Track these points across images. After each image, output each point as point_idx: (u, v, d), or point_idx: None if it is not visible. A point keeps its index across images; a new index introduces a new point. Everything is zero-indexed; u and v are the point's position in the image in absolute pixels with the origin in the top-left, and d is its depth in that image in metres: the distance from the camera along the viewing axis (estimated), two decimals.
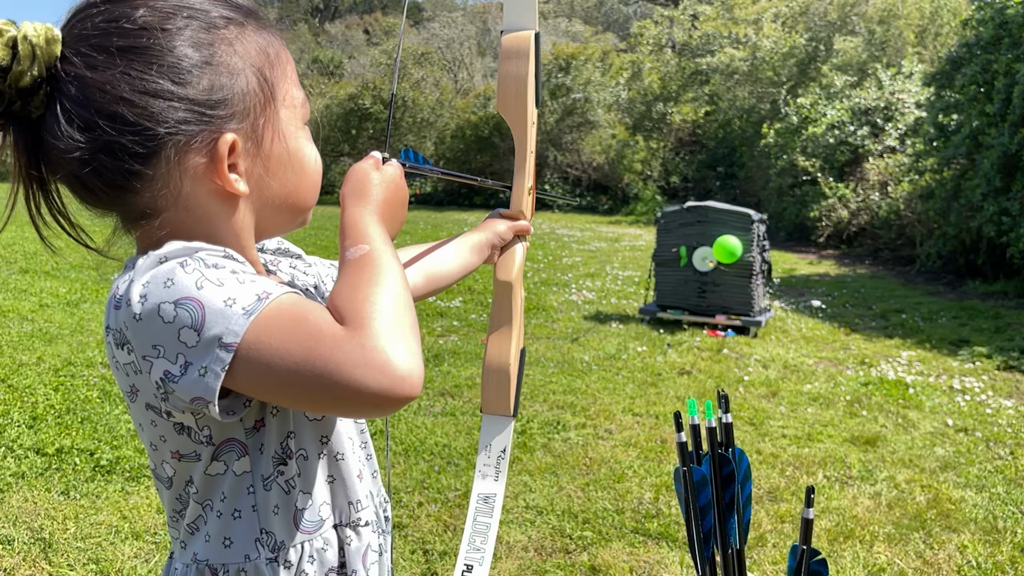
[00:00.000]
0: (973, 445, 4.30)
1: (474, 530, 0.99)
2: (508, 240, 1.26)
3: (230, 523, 0.88)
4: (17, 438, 3.77)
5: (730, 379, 5.43)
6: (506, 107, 1.07)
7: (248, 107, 0.85)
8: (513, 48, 1.04)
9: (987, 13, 10.05)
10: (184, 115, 0.81)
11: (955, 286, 10.00)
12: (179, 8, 0.83)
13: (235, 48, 0.85)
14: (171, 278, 0.76)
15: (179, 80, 0.81)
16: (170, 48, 0.81)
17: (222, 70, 0.84)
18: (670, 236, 7.07)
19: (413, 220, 17.55)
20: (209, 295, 0.74)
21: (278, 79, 0.89)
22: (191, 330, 0.74)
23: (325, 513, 0.92)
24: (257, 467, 0.87)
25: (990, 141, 9.54)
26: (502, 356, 1.06)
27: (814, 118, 15.74)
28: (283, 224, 0.95)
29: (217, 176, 0.84)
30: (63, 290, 7.22)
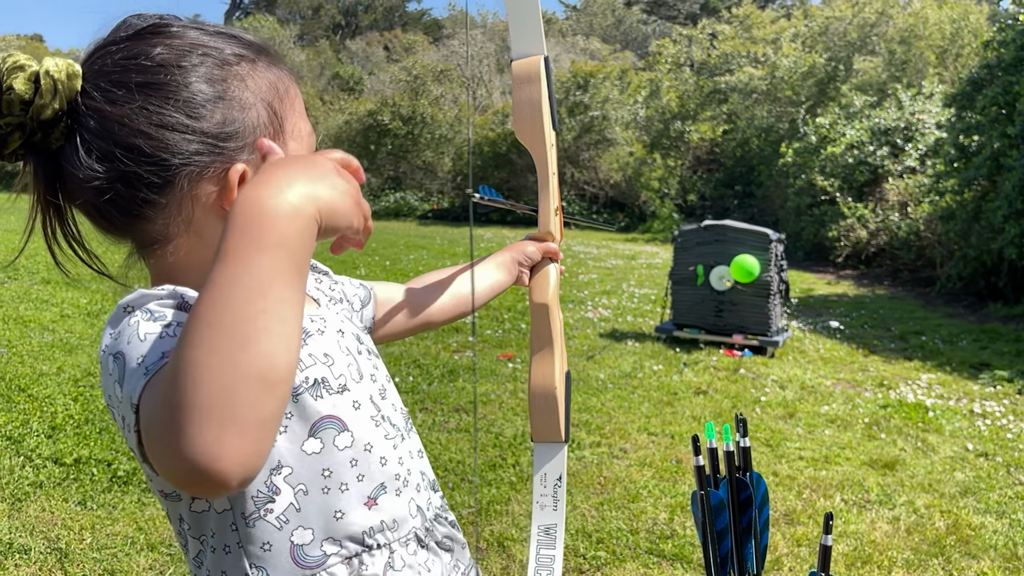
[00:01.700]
0: (993, 470, 4.24)
1: (539, 563, 0.98)
2: (536, 260, 1.25)
3: (222, 557, 0.88)
4: (36, 447, 3.81)
5: (747, 399, 5.39)
6: (523, 132, 1.08)
7: (258, 139, 0.87)
8: (524, 74, 1.05)
9: (1009, 35, 10.01)
10: (198, 147, 0.85)
11: (976, 308, 9.89)
12: (194, 46, 0.87)
13: (247, 83, 0.88)
14: (120, 329, 0.79)
15: (193, 114, 0.85)
16: (185, 84, 0.85)
17: (234, 104, 0.87)
18: (687, 255, 7.06)
19: (430, 236, 17.60)
20: (132, 350, 0.76)
21: (287, 112, 0.91)
22: (118, 384, 0.76)
23: (330, 549, 0.89)
24: (236, 506, 0.87)
25: (1011, 163, 9.46)
26: (547, 381, 1.05)
27: (833, 138, 15.69)
28: None
29: (227, 204, 0.87)
30: (84, 301, 7.30)
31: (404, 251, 13.74)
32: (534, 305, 1.16)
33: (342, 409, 0.90)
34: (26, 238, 0.95)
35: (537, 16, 1.01)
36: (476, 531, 3.24)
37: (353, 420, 0.91)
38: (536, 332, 1.11)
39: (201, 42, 0.88)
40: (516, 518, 3.39)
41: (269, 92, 0.90)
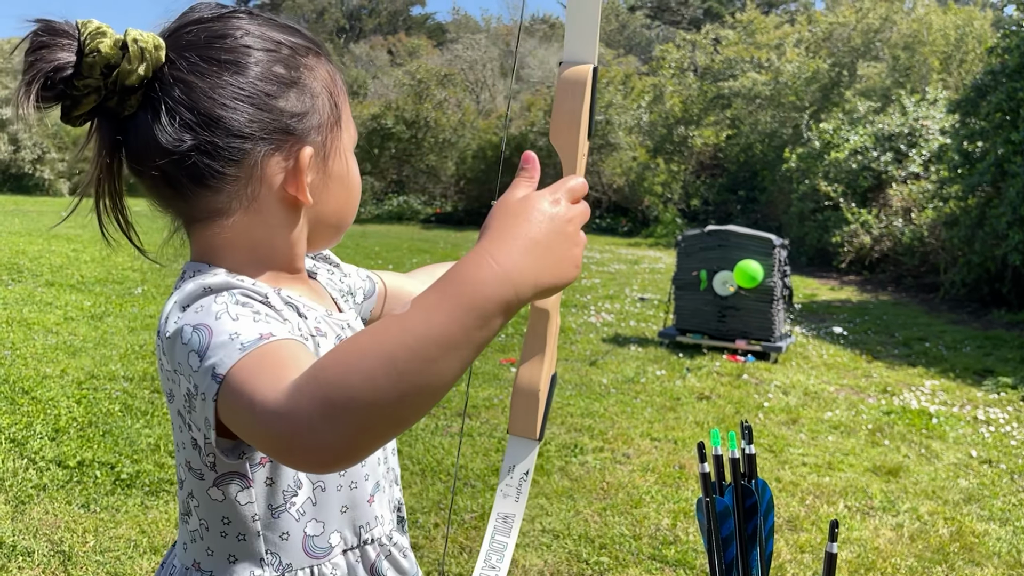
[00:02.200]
0: (997, 477, 4.23)
1: (491, 547, 1.00)
2: None
3: (234, 543, 0.91)
4: (39, 450, 3.81)
5: (750, 405, 5.39)
6: (558, 138, 1.07)
7: (323, 125, 0.94)
8: (571, 81, 1.04)
9: (1013, 41, 10.00)
10: (277, 125, 0.90)
11: (980, 315, 9.87)
12: (270, 37, 0.93)
13: (314, 73, 0.94)
14: (202, 305, 0.82)
15: (274, 93, 0.90)
16: (267, 66, 0.90)
17: (306, 90, 0.93)
18: (690, 260, 7.05)
19: (433, 240, 17.61)
20: (221, 326, 0.78)
21: (342, 105, 0.98)
22: (196, 355, 0.78)
23: (335, 540, 0.95)
24: (263, 498, 0.90)
25: (1016, 169, 9.45)
26: (533, 379, 1.07)
27: (837, 143, 15.68)
28: (326, 239, 1.02)
29: (292, 185, 0.91)
30: (88, 303, 7.31)
31: (407, 255, 13.75)
32: (535, 308, 1.15)
33: None
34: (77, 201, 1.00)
35: (595, 23, 1.01)
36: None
37: None
38: (532, 334, 1.12)
39: (274, 35, 0.93)
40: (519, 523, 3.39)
41: (330, 83, 0.96)
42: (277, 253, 0.96)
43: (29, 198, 24.09)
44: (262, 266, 0.95)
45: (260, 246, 0.94)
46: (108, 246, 0.99)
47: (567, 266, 0.72)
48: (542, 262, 0.70)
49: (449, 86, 26.59)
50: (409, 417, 0.66)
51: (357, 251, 13.73)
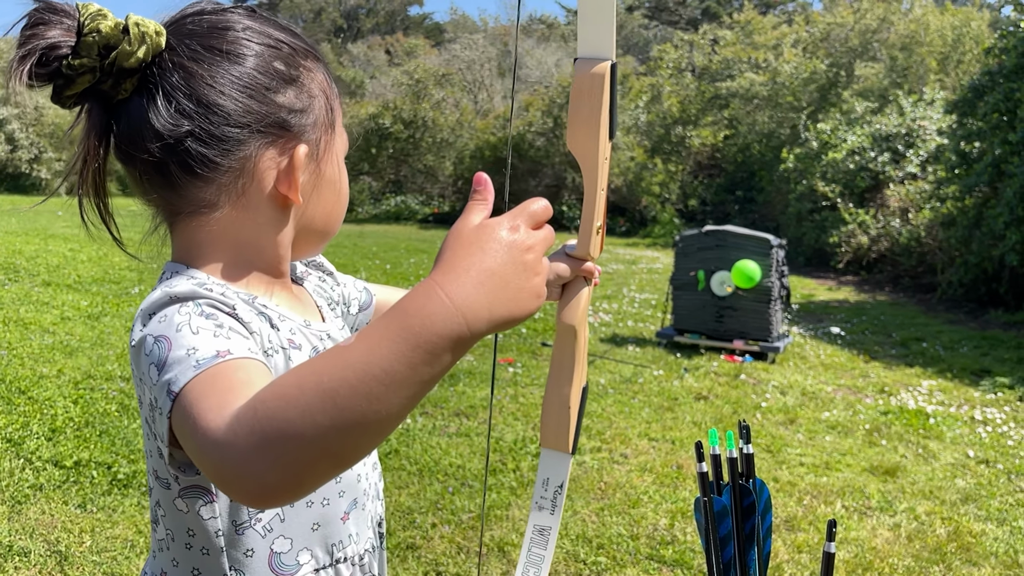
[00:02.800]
0: (994, 477, 4.24)
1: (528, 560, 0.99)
2: (566, 277, 1.17)
3: (198, 557, 0.90)
4: (36, 450, 3.80)
5: (747, 405, 5.39)
6: (576, 142, 1.00)
7: (318, 126, 0.93)
8: (587, 77, 0.98)
9: (1010, 41, 10.02)
10: (274, 119, 0.89)
11: (977, 315, 9.89)
12: (271, 34, 0.92)
13: (312, 75, 0.94)
14: (166, 314, 0.80)
15: (273, 87, 0.89)
16: (268, 60, 0.90)
17: (304, 89, 0.92)
18: (688, 260, 7.06)
19: (431, 240, 17.60)
20: (181, 339, 0.76)
21: (337, 110, 0.98)
22: (156, 367, 0.76)
23: (304, 558, 0.92)
24: (227, 515, 0.88)
25: (1013, 170, 9.47)
26: (563, 393, 1.05)
27: (834, 144, 15.69)
28: (311, 245, 1.00)
29: (284, 183, 0.90)
30: (84, 303, 7.30)
31: (405, 255, 13.74)
32: (561, 325, 1.11)
33: None
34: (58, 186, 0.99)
35: (612, 15, 0.95)
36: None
37: None
38: (559, 351, 1.08)
39: (277, 29, 0.93)
40: (516, 523, 3.39)
41: (327, 88, 0.96)
42: (262, 254, 0.94)
43: (26, 197, 24.05)
44: (245, 267, 0.93)
45: (245, 245, 0.92)
46: (90, 236, 0.97)
47: (526, 297, 0.66)
48: (498, 295, 0.64)
49: (447, 86, 26.58)
50: (350, 454, 0.62)
51: (355, 251, 13.73)
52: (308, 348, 0.93)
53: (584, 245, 1.12)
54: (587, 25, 0.97)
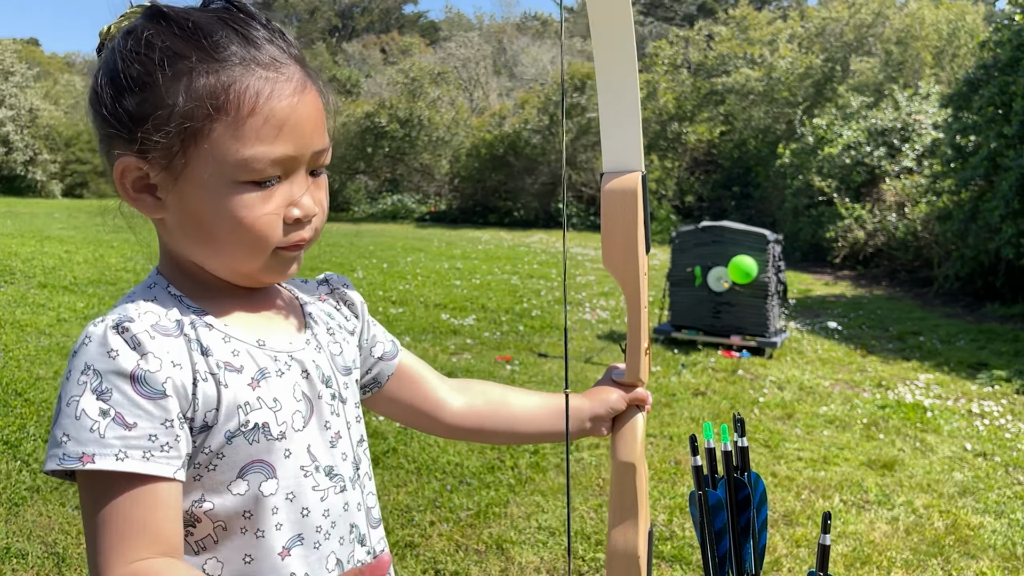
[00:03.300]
0: (992, 470, 4.24)
1: None
2: (620, 409, 1.10)
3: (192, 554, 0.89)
4: (33, 452, 3.80)
5: (745, 400, 5.39)
6: (612, 259, 0.96)
7: (169, 139, 0.85)
8: (618, 193, 0.93)
9: (1005, 35, 10.02)
10: (114, 122, 0.87)
11: (973, 308, 9.90)
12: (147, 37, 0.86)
13: (182, 82, 0.84)
14: (71, 370, 0.84)
15: (123, 89, 0.86)
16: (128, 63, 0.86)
17: (154, 98, 0.85)
18: (685, 256, 7.06)
19: (427, 238, 17.58)
20: (63, 417, 0.80)
21: (222, 129, 0.85)
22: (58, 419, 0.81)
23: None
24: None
25: (1008, 163, 9.48)
26: (629, 541, 0.98)
27: (830, 138, 15.70)
28: (226, 275, 0.93)
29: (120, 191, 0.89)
30: (81, 305, 7.28)
31: (401, 253, 13.73)
32: (618, 463, 1.04)
33: (275, 456, 0.88)
34: None
35: (636, 125, 0.91)
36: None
37: (282, 468, 0.89)
38: (618, 492, 1.01)
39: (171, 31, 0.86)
40: (515, 520, 3.38)
41: (218, 99, 0.84)
42: (186, 265, 0.92)
43: (21, 200, 23.99)
44: (189, 275, 0.93)
45: (171, 253, 0.93)
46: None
47: None
48: None
49: (442, 84, 26.56)
50: None
51: (351, 250, 13.72)
52: (253, 369, 0.89)
53: (634, 370, 1.05)
54: (611, 137, 0.92)
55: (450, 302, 8.76)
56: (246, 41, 0.87)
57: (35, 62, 33.15)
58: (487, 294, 9.54)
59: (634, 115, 0.91)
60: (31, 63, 30.99)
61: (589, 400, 1.11)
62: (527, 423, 1.15)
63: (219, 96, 0.84)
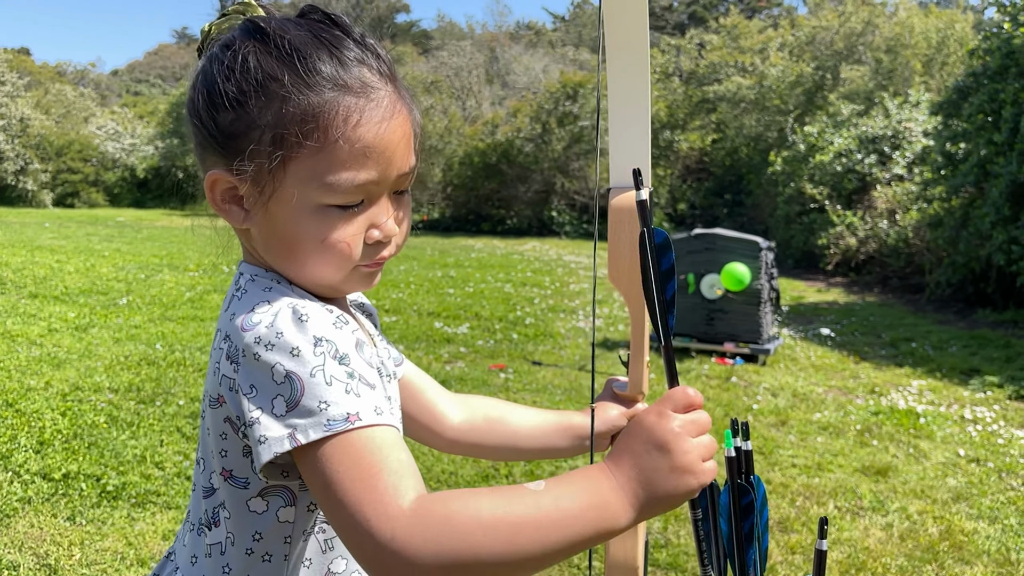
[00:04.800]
0: (985, 476, 4.25)
1: None
2: (620, 426, 1.14)
3: (257, 563, 0.89)
4: (24, 463, 3.77)
5: (739, 407, 5.39)
6: (619, 277, 0.98)
7: (257, 159, 0.86)
8: (626, 211, 0.95)
9: (994, 43, 10.10)
10: (208, 135, 0.89)
11: (965, 315, 9.94)
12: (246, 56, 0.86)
13: (273, 107, 0.85)
14: (298, 347, 0.80)
15: (218, 105, 0.88)
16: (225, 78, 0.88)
17: (246, 118, 0.86)
18: (678, 264, 7.05)
19: (420, 246, 17.58)
20: (314, 387, 0.78)
21: (309, 154, 0.85)
22: (283, 401, 0.78)
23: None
24: (302, 520, 0.89)
25: (998, 170, 9.54)
26: (628, 553, 1.01)
27: (821, 146, 15.78)
28: (308, 286, 0.93)
29: (210, 198, 0.90)
30: (72, 315, 7.25)
31: (394, 262, 13.72)
32: None
33: None
34: None
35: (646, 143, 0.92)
36: None
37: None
38: None
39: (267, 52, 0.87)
40: None
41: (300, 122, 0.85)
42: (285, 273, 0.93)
43: (12, 209, 23.88)
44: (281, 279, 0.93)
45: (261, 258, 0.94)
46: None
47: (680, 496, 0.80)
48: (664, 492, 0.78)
49: (435, 93, 26.58)
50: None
51: None
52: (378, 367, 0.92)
53: (637, 383, 1.10)
54: (620, 153, 0.94)
55: (443, 310, 8.75)
56: (339, 64, 0.87)
57: (26, 71, 33.08)
58: (480, 302, 9.53)
59: (644, 132, 0.91)
60: (22, 72, 30.92)
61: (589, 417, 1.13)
62: (526, 440, 1.17)
63: (308, 123, 0.84)
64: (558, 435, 1.15)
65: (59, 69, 45.13)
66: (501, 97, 31.51)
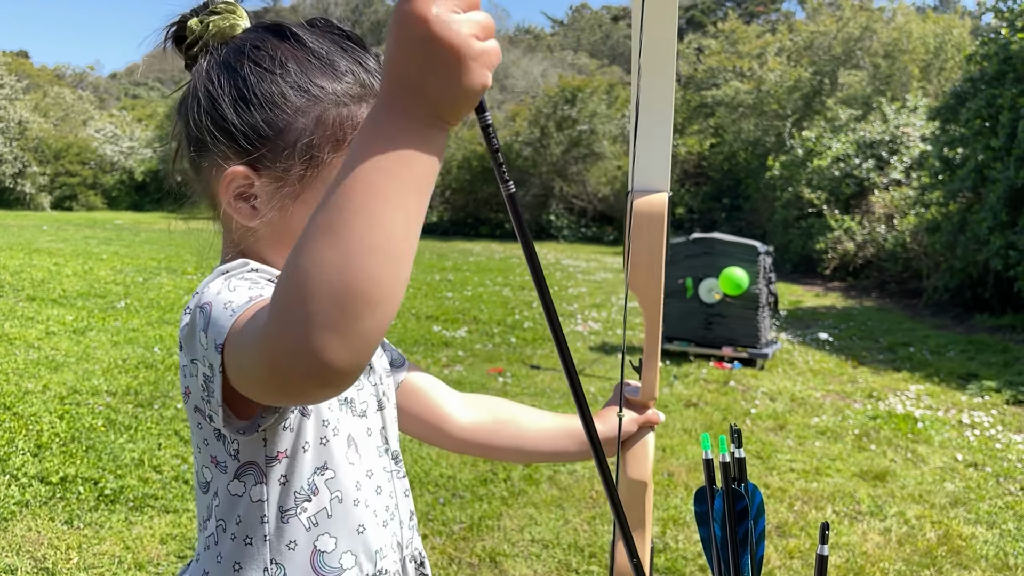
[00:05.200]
0: (983, 480, 4.26)
1: None
2: (631, 432, 1.11)
3: (241, 548, 0.89)
4: (22, 466, 3.76)
5: (737, 412, 5.40)
6: (637, 282, 0.96)
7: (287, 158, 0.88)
8: (646, 214, 0.93)
9: (991, 48, 10.13)
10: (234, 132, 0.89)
11: (963, 319, 9.96)
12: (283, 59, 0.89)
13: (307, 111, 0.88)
14: (210, 287, 0.81)
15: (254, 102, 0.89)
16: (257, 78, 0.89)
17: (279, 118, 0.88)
18: (676, 268, 7.08)
19: (418, 249, 17.54)
20: (219, 300, 0.78)
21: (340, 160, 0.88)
22: (202, 332, 0.77)
23: (348, 562, 0.90)
24: (275, 498, 0.88)
25: (996, 175, 9.56)
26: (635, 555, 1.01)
27: (819, 151, 15.81)
28: None
29: (224, 196, 0.90)
30: (70, 318, 7.24)
31: None
32: (629, 480, 1.04)
33: (359, 432, 0.93)
34: None
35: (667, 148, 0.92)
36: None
37: (364, 446, 0.94)
38: (628, 508, 1.02)
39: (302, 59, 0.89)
40: (508, 533, 3.37)
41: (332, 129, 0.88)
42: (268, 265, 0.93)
43: (10, 212, 23.87)
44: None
45: (245, 253, 0.93)
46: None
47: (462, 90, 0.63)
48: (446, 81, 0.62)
49: None
50: (373, 286, 0.60)
51: None
52: None
53: (649, 389, 1.06)
54: (643, 157, 0.93)
55: (442, 314, 8.75)
56: (368, 76, 0.91)
57: (24, 74, 33.06)
58: (479, 306, 9.54)
59: (667, 137, 0.92)
60: (20, 75, 30.92)
61: (601, 423, 1.11)
62: (534, 442, 1.16)
63: (348, 132, 0.88)
64: (567, 439, 1.15)
65: (58, 72, 45.14)
66: (500, 101, 31.56)
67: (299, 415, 0.87)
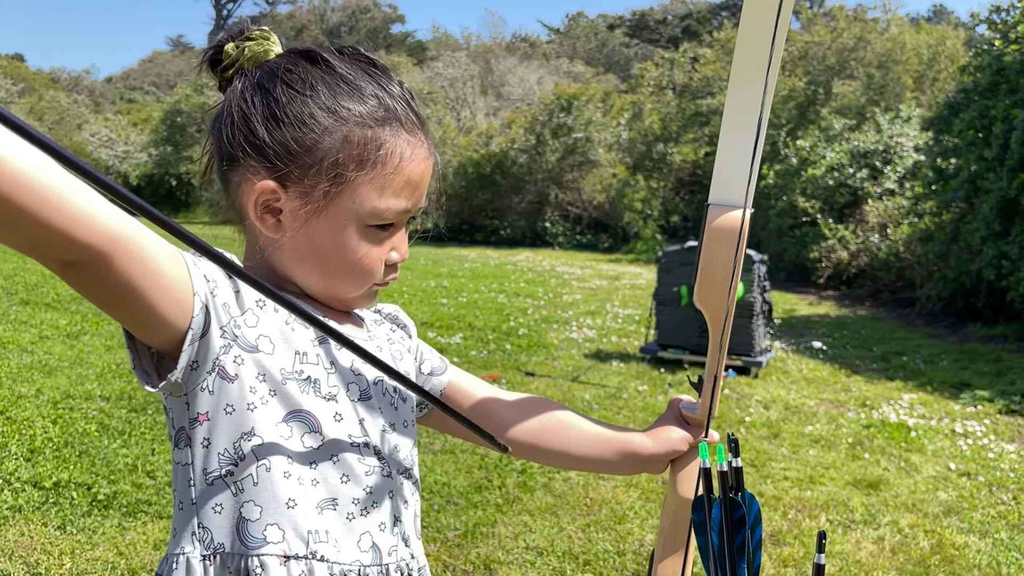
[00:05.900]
0: (976, 490, 4.27)
1: None
2: (682, 451, 1.11)
3: (178, 515, 0.92)
4: (15, 471, 3.75)
5: (731, 420, 5.41)
6: (705, 296, 0.95)
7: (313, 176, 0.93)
8: (721, 228, 0.91)
9: (985, 59, 10.20)
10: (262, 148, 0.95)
11: (955, 329, 10.00)
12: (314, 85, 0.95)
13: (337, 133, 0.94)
14: None
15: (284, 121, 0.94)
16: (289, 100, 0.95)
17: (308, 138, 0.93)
18: (671, 275, 7.09)
19: (414, 256, 17.58)
20: None
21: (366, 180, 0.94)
22: None
23: (273, 535, 0.88)
24: (200, 461, 0.90)
25: (989, 185, 9.61)
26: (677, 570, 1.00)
27: (813, 160, 15.87)
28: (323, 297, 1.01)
29: (251, 209, 0.95)
30: (63, 322, 7.22)
31: None
32: (679, 498, 1.02)
33: (321, 413, 0.92)
34: None
35: (747, 164, 0.88)
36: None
37: (328, 428, 0.92)
38: (672, 526, 1.01)
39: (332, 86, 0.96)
40: (502, 540, 3.37)
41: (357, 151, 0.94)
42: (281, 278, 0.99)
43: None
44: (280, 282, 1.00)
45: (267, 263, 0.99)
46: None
47: None
48: None
49: (430, 103, 26.66)
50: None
51: None
52: (288, 352, 0.92)
53: (705, 407, 1.05)
54: (723, 170, 0.90)
55: (437, 320, 8.75)
56: (392, 101, 0.97)
57: (20, 78, 33.03)
58: (474, 312, 9.54)
59: (748, 155, 0.88)
60: (16, 79, 30.89)
61: (652, 440, 1.13)
62: (578, 448, 1.16)
63: (371, 152, 0.94)
64: (610, 451, 1.15)
65: (53, 75, 45.03)
66: (496, 108, 31.62)
67: (218, 378, 0.88)
